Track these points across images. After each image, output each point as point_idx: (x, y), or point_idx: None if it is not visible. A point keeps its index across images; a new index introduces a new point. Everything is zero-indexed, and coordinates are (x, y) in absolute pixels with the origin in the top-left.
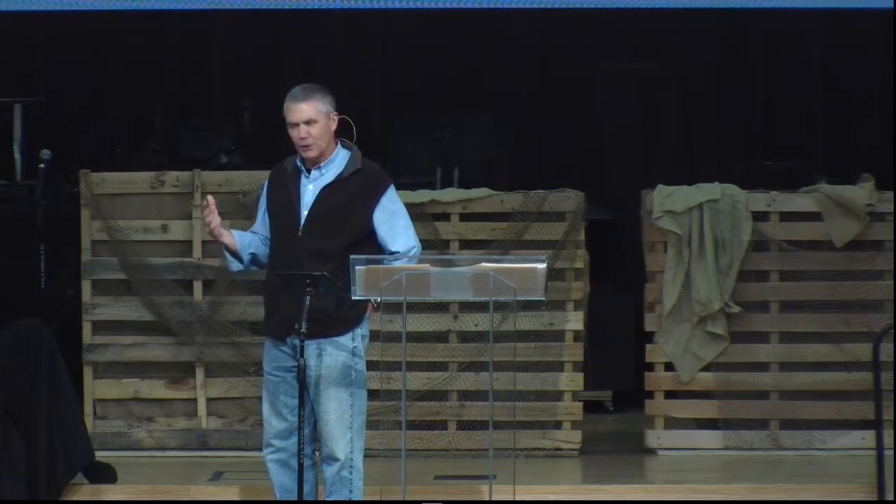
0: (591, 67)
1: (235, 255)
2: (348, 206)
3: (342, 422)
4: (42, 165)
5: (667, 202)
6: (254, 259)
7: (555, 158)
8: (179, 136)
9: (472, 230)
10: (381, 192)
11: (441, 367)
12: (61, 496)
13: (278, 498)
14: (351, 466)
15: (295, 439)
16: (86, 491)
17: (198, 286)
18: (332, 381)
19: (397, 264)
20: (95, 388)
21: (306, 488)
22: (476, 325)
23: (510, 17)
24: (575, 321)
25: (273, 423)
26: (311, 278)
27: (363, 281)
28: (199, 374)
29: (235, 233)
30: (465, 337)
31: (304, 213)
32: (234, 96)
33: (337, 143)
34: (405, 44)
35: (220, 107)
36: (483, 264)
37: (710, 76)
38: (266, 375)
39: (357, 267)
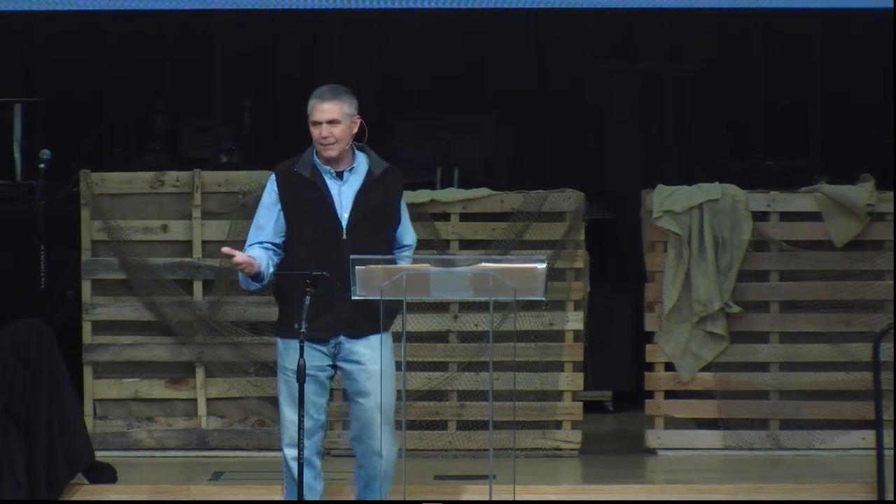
0: (591, 67)
1: (257, 276)
2: (384, 205)
3: (390, 417)
4: (42, 165)
5: (667, 202)
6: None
7: (555, 158)
8: (179, 136)
9: (472, 230)
10: (402, 189)
11: (441, 367)
12: (61, 496)
13: (305, 495)
14: (393, 460)
15: (318, 437)
16: (86, 491)
17: (198, 286)
18: (386, 377)
19: (405, 261)
20: (95, 388)
21: (322, 486)
22: (476, 325)
23: (510, 17)
24: (575, 321)
25: (297, 423)
26: (311, 278)
27: (363, 281)
28: (199, 374)
29: (252, 254)
30: (465, 337)
31: (345, 215)
32: (234, 96)
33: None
34: (405, 44)
35: (220, 107)
36: (483, 264)
37: (710, 76)
38: (292, 376)
39: (357, 267)
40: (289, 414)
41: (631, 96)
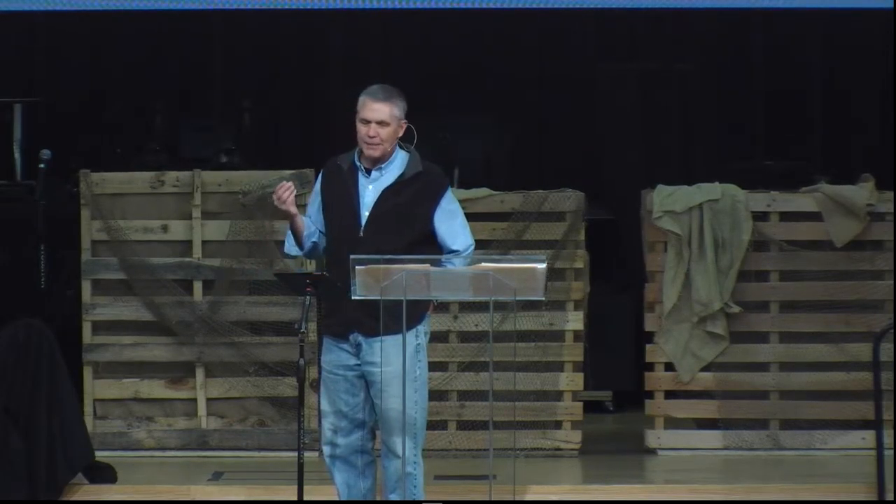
0: (591, 67)
1: (298, 239)
2: (409, 208)
3: (405, 419)
4: (42, 165)
5: (667, 202)
6: (314, 249)
7: (555, 158)
8: (179, 136)
9: (472, 230)
10: (441, 193)
11: (441, 367)
12: (61, 496)
13: (342, 495)
14: (415, 463)
15: (356, 436)
16: (86, 491)
17: (198, 286)
18: (396, 379)
19: (456, 262)
20: (95, 388)
21: (366, 485)
22: (476, 325)
23: (510, 17)
24: (575, 321)
25: (332, 421)
26: (312, 278)
27: (363, 280)
28: (199, 374)
29: (303, 219)
30: (465, 337)
31: (365, 213)
32: (234, 96)
33: (395, 145)
34: (405, 44)
35: (220, 107)
36: (483, 264)
37: (710, 76)
38: (325, 374)
39: (357, 267)
40: (324, 413)
41: (631, 96)
